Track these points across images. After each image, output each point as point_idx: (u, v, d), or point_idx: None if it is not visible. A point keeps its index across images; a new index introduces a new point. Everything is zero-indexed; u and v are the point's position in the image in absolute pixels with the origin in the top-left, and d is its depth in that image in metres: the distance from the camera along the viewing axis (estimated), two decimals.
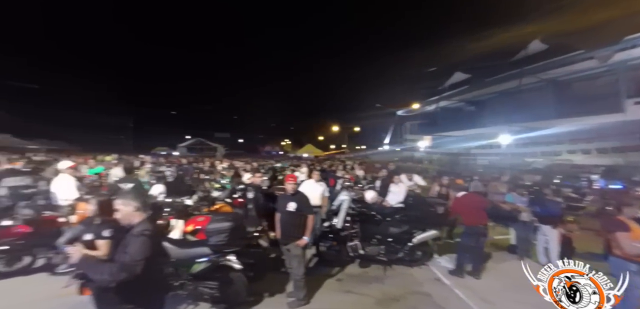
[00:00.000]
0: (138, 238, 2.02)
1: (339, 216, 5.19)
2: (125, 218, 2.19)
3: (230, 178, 7.87)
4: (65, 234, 4.25)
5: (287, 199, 4.04)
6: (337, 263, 5.34)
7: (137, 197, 2.25)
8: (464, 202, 5.25)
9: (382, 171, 8.35)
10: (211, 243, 3.54)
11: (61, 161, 6.22)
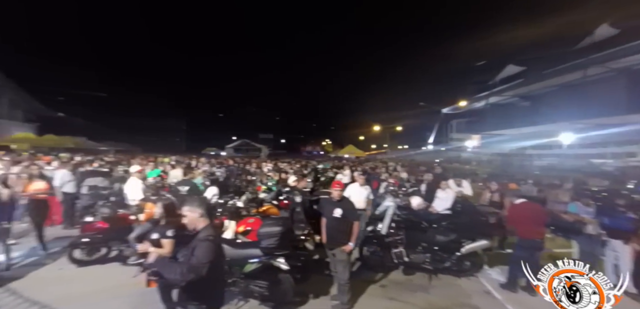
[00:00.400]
0: (204, 242, 2.24)
1: (384, 222, 5.17)
2: (191, 223, 2.43)
3: (276, 181, 8.19)
4: (135, 231, 4.81)
5: (333, 205, 4.13)
6: (381, 268, 5.31)
7: (201, 204, 2.48)
8: (520, 212, 4.79)
9: (427, 175, 8.07)
10: (262, 246, 3.77)
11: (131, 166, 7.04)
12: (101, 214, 5.07)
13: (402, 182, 8.91)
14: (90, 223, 5.12)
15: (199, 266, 2.14)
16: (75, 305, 4.08)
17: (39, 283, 4.62)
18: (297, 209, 5.35)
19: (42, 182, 5.60)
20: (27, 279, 4.72)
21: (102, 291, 4.50)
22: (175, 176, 7.50)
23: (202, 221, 2.42)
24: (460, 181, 6.85)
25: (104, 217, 5.04)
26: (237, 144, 38.19)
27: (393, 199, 5.53)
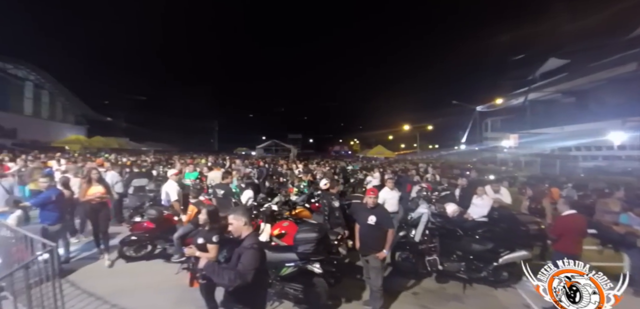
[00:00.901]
0: (249, 250, 2.39)
1: (418, 229, 5.11)
2: (236, 231, 2.60)
3: (307, 183, 8.33)
4: (178, 231, 5.15)
5: (368, 212, 4.17)
6: (413, 275, 5.27)
7: (245, 213, 2.64)
8: (568, 225, 4.34)
9: (461, 180, 7.81)
10: (299, 251, 3.91)
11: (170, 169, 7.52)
12: (148, 215, 5.46)
13: (434, 186, 8.71)
14: (139, 223, 5.55)
15: (246, 273, 2.30)
16: (125, 298, 4.42)
17: (93, 276, 5.08)
18: (336, 214, 5.42)
19: (101, 186, 5.64)
20: (83, 272, 5.19)
21: (148, 285, 4.86)
22: (212, 178, 7.89)
23: (246, 229, 2.58)
24: (498, 187, 6.55)
25: (150, 218, 5.44)
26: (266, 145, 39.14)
27: (428, 206, 5.44)
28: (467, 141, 37.92)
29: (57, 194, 4.84)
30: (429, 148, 51.91)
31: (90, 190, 5.49)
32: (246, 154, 36.60)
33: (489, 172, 15.17)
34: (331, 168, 13.62)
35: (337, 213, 5.41)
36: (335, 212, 5.41)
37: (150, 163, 13.26)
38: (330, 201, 5.53)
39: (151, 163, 13.53)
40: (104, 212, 5.64)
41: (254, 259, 2.36)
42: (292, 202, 6.38)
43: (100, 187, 5.60)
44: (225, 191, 5.97)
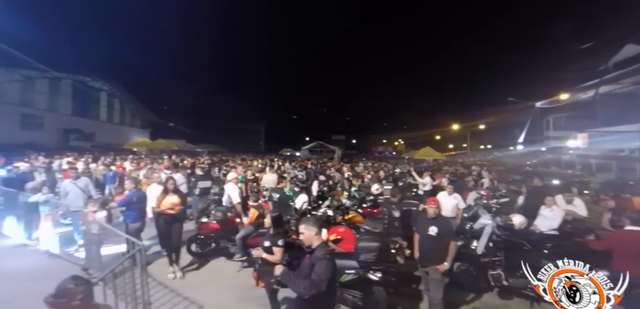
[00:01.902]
0: (323, 260, 2.51)
1: (481, 241, 4.86)
2: (307, 240, 2.72)
3: (358, 187, 8.35)
4: (240, 232, 5.51)
5: (428, 222, 4.09)
6: (473, 288, 5.03)
7: (316, 223, 2.77)
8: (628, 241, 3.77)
9: (523, 188, 7.24)
10: (360, 259, 3.98)
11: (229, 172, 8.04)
12: (214, 217, 5.91)
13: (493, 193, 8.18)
14: (206, 223, 6.02)
15: (320, 283, 2.41)
16: (193, 291, 4.84)
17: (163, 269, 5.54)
18: (396, 225, 5.40)
19: (177, 196, 5.33)
20: (154, 266, 5.68)
21: (213, 281, 5.27)
22: (266, 180, 8.27)
23: (317, 239, 2.70)
24: (571, 198, 5.95)
25: (216, 220, 5.88)
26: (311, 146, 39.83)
27: (491, 217, 5.15)
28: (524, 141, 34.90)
29: (138, 196, 5.46)
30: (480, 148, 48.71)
31: (165, 200, 5.17)
32: (291, 154, 37.60)
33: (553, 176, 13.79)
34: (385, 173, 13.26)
35: (396, 223, 5.36)
36: (395, 222, 5.37)
37: (207, 165, 14.21)
38: (391, 211, 5.48)
39: (208, 165, 14.51)
40: (177, 225, 5.35)
41: (328, 270, 2.47)
42: (344, 207, 6.45)
43: (176, 198, 5.27)
44: (281, 195, 6.22)
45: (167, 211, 5.17)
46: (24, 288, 4.75)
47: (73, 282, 1.95)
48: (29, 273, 5.34)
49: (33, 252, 6.17)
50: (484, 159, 33.57)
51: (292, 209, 6.18)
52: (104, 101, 37.44)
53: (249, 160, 18.92)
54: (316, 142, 40.32)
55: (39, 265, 5.67)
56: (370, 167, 17.12)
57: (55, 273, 5.34)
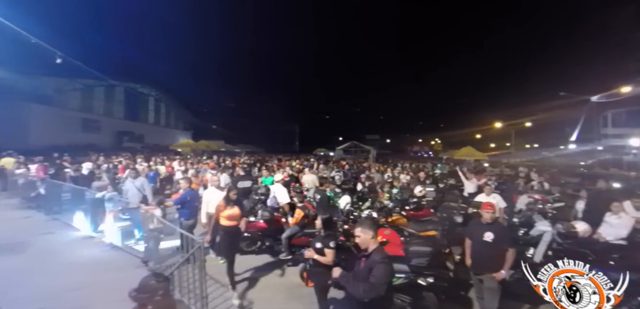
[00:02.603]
0: (381, 264, 2.50)
1: (538, 249, 4.55)
2: (363, 243, 2.71)
3: (399, 188, 8.19)
4: (286, 232, 5.64)
5: (483, 227, 3.90)
6: (528, 298, 4.69)
7: (372, 226, 2.75)
8: None
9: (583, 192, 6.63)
10: (412, 264, 3.90)
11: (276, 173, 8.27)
12: (262, 216, 6.10)
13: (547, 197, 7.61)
14: (253, 222, 6.23)
15: (379, 286, 2.41)
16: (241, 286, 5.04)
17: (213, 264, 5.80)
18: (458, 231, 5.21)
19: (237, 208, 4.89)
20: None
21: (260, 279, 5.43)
22: (306, 181, 8.39)
23: (373, 242, 2.69)
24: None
25: (264, 219, 6.07)
26: (346, 146, 39.69)
27: (550, 223, 4.80)
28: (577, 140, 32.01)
29: (191, 195, 5.80)
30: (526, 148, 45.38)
31: (226, 211, 4.71)
32: (325, 154, 37.74)
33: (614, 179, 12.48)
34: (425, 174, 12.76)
35: (458, 230, 5.16)
36: (456, 228, 5.17)
37: (247, 165, 14.73)
38: (452, 215, 5.29)
39: (248, 165, 15.04)
40: (236, 239, 4.96)
41: (387, 273, 2.46)
42: (387, 209, 6.35)
43: (237, 210, 4.84)
44: (322, 196, 6.28)
45: (229, 224, 4.76)
46: (93, 276, 5.26)
47: (154, 278, 2.07)
48: (97, 262, 5.89)
49: (99, 243, 6.79)
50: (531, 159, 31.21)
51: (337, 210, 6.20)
52: (152, 106, 40.38)
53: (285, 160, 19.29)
54: (350, 142, 40.00)
55: (104, 256, 6.23)
56: (408, 168, 16.63)
57: (119, 263, 5.91)
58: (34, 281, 5.03)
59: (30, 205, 9.61)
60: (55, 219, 8.42)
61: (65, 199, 8.68)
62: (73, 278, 5.18)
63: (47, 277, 5.20)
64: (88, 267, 5.69)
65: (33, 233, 7.36)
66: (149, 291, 1.97)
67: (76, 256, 6.13)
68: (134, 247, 6.44)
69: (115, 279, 5.19)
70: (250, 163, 16.39)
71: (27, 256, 6.06)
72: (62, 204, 8.70)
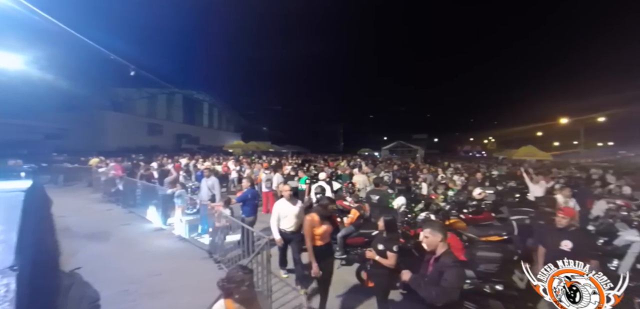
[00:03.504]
0: (453, 268, 2.41)
1: (624, 261, 4.04)
2: (430, 245, 2.64)
3: (456, 191, 7.80)
4: (341, 231, 5.69)
5: (560, 234, 3.54)
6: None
7: (442, 230, 2.67)
8: None
9: None
10: (479, 270, 3.71)
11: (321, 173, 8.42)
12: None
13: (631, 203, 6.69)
14: None
15: (452, 291, 2.33)
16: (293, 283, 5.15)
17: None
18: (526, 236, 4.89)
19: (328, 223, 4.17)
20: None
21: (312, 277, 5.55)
22: (357, 181, 8.39)
23: (442, 246, 2.60)
24: None
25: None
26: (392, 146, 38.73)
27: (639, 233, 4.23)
28: None
29: (252, 193, 6.13)
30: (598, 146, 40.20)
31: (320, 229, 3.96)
32: (369, 154, 37.28)
33: None
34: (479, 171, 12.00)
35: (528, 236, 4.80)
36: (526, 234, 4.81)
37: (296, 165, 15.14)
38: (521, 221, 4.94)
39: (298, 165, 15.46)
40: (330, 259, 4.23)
41: (460, 278, 2.38)
42: (444, 212, 6.08)
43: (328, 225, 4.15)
44: (381, 197, 6.17)
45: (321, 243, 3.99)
46: (166, 264, 5.81)
47: (241, 270, 2.20)
48: (168, 252, 6.50)
49: (169, 235, 7.48)
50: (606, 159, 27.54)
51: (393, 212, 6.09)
52: (206, 110, 43.44)
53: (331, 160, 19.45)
54: (397, 142, 38.89)
55: (174, 247, 6.85)
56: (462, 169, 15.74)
57: (187, 254, 6.46)
58: (117, 265, 5.70)
59: (111, 199, 10.94)
60: (131, 212, 9.48)
61: (139, 195, 9.75)
62: (150, 265, 5.77)
63: (128, 263, 5.85)
64: (161, 256, 6.30)
65: (114, 224, 8.36)
66: (235, 281, 2.11)
67: (151, 246, 6.82)
68: (198, 240, 6.98)
69: (185, 268, 5.71)
70: (298, 163, 16.80)
71: (110, 244, 6.89)
72: (137, 199, 9.78)
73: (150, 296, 4.63)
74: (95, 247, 6.57)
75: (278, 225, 4.89)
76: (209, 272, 5.52)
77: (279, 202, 4.96)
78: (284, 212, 4.85)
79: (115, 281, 5.01)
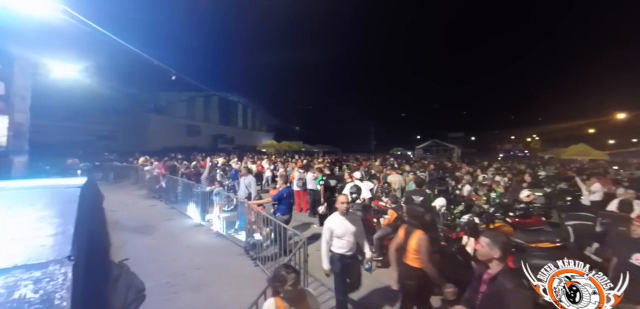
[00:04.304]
0: (516, 293, 2.05)
1: None
2: (484, 256, 2.31)
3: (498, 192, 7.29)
4: (378, 233, 5.52)
5: (633, 246, 3.13)
6: None
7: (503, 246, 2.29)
8: None
9: None
10: None
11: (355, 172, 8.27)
12: None
13: None
14: None
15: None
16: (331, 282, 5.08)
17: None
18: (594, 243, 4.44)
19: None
20: None
21: None
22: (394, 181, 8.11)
23: (498, 263, 2.25)
24: None
25: None
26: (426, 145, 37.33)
27: None
28: None
29: (288, 192, 6.16)
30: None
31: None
32: (402, 154, 36.28)
33: None
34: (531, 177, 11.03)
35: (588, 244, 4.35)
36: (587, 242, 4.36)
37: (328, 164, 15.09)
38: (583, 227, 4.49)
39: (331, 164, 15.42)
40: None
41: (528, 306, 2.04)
42: (488, 215, 5.67)
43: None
44: (424, 199, 5.74)
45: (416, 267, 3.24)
46: (205, 259, 6.01)
47: (285, 270, 2.23)
48: (207, 247, 6.72)
49: (207, 231, 7.76)
50: None
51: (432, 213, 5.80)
52: (240, 111, 44.94)
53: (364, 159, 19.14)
54: (431, 141, 37.39)
55: (212, 242, 7.08)
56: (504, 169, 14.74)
57: (224, 250, 6.63)
58: (161, 258, 5.99)
59: (155, 195, 11.62)
60: (173, 207, 9.99)
61: (180, 192, 10.25)
62: (191, 259, 6.00)
63: (171, 256, 6.13)
64: (201, 250, 6.53)
65: (158, 218, 8.84)
66: (281, 280, 2.16)
67: (191, 241, 7.11)
68: (235, 236, 7.16)
69: (223, 263, 5.87)
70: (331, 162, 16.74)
71: (154, 237, 7.28)
72: (178, 195, 10.29)
73: (191, 289, 4.80)
74: (141, 240, 6.97)
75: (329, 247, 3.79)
76: (245, 268, 5.63)
77: (333, 217, 3.83)
78: (345, 234, 3.73)
79: (159, 272, 5.26)
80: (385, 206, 5.93)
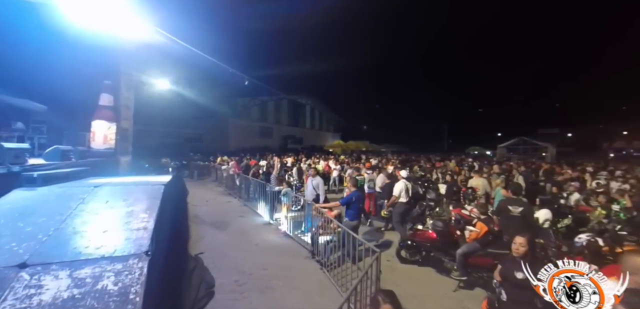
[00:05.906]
0: None
1: None
2: None
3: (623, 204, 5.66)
4: (462, 248, 4.72)
5: None
6: None
7: None
8: None
9: None
10: None
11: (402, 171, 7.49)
12: (435, 226, 5.41)
13: None
14: (422, 232, 5.62)
15: None
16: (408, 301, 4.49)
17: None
18: None
19: None
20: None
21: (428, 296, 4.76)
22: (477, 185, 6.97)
23: None
24: None
25: (436, 230, 5.36)
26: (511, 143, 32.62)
27: None
28: None
29: (357, 196, 5.77)
30: None
31: None
32: (479, 153, 32.49)
33: None
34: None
35: None
36: None
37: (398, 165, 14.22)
38: None
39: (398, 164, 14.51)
40: None
41: None
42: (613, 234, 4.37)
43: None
44: (525, 210, 4.62)
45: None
46: (273, 259, 5.98)
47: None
48: (275, 247, 6.73)
49: (276, 230, 7.84)
50: None
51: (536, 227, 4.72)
52: (308, 113, 46.26)
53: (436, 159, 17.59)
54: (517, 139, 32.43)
55: (280, 242, 7.08)
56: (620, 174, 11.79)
57: (291, 251, 6.52)
58: (231, 254, 6.15)
59: (231, 193, 12.42)
60: (246, 205, 10.47)
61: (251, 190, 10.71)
62: (259, 258, 6.04)
63: (240, 253, 6.25)
64: (269, 250, 6.56)
65: (232, 215, 9.32)
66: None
67: (260, 239, 7.22)
68: (302, 238, 7.07)
69: (289, 265, 5.75)
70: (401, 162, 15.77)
71: (227, 233, 7.61)
72: (250, 193, 10.76)
73: (257, 291, 4.74)
74: (215, 235, 7.35)
75: None
76: (311, 273, 5.42)
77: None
78: None
79: (228, 269, 5.38)
80: (470, 216, 5.04)
